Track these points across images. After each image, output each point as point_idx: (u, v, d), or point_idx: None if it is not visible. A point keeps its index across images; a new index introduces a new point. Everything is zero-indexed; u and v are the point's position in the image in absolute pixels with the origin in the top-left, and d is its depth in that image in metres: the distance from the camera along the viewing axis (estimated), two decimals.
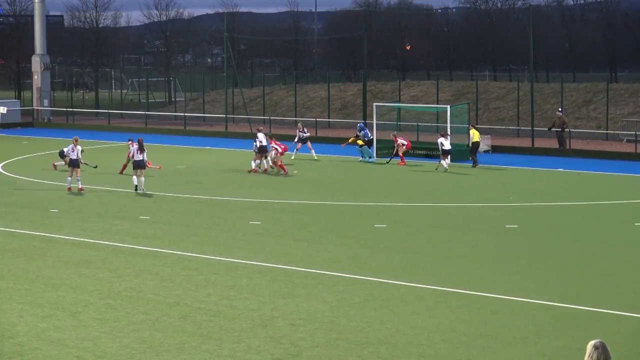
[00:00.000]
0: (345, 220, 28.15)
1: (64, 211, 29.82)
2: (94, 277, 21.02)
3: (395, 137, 42.63)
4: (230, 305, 18.54)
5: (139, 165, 32.93)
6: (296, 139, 43.45)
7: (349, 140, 43.78)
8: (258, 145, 38.18)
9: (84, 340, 16.33)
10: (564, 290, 19.71)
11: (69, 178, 33.24)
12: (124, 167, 37.43)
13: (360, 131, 43.63)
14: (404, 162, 41.84)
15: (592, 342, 10.17)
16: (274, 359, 15.37)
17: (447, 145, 40.13)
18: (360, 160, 43.06)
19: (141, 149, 33.05)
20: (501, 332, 16.78)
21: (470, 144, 41.87)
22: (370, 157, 43.11)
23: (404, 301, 18.81)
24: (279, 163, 38.09)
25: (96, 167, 36.66)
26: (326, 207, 30.71)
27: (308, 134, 43.81)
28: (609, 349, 10.16)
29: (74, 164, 33.13)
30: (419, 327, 17.04)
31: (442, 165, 39.42)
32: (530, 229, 26.72)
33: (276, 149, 38.12)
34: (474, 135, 41.79)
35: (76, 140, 33.93)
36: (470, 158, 41.61)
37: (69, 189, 33.20)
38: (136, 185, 32.98)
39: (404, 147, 42.13)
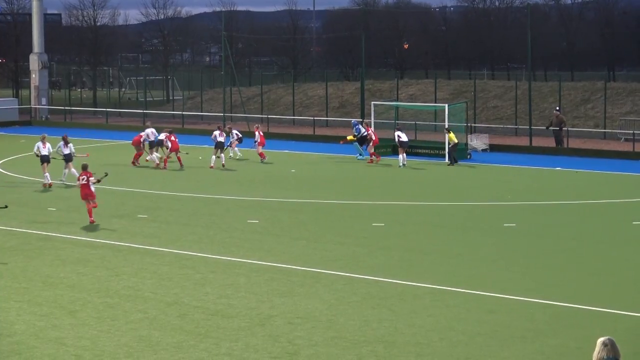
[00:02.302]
0: (343, 219, 28.15)
1: (61, 209, 29.81)
2: (92, 275, 21.02)
3: (368, 127, 42.62)
4: (228, 303, 18.54)
5: (70, 159, 35.08)
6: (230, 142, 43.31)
7: (347, 138, 43.77)
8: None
9: (81, 338, 16.33)
10: (562, 289, 19.72)
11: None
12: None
13: (353, 127, 43.72)
14: (371, 160, 41.82)
15: (601, 339, 10.15)
16: (271, 357, 15.37)
17: (403, 137, 40.76)
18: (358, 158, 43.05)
19: (66, 143, 35.15)
20: (499, 330, 16.79)
21: (450, 145, 41.90)
22: (360, 155, 43.04)
23: (401, 300, 18.81)
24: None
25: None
26: (324, 206, 30.70)
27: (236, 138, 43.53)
28: (618, 346, 10.14)
29: (46, 159, 34.57)
30: (416, 325, 17.04)
31: (400, 161, 40.13)
32: (528, 227, 26.73)
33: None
34: (451, 138, 41.75)
35: (43, 138, 35.52)
36: (450, 157, 41.77)
37: (48, 183, 34.34)
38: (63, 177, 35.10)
39: (372, 142, 42.07)
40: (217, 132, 40.56)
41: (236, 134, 43.27)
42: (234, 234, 25.73)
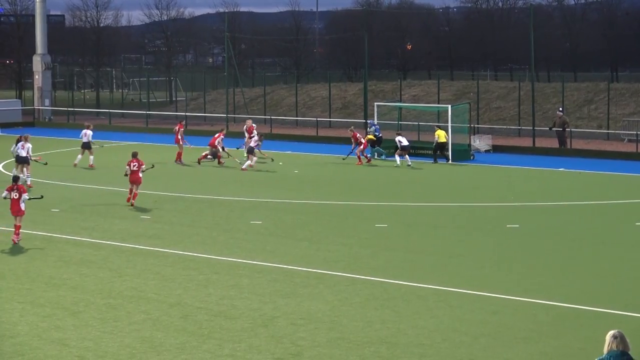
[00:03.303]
0: (346, 220, 28.14)
1: (64, 211, 29.82)
2: (95, 276, 21.03)
3: (355, 133, 42.37)
4: (231, 304, 18.54)
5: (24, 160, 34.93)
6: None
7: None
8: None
9: (84, 339, 16.34)
10: (565, 290, 19.71)
11: (21, 176, 34.48)
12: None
13: (370, 127, 43.54)
14: (360, 161, 41.69)
15: (611, 332, 10.29)
16: (275, 358, 15.37)
17: (404, 142, 40.94)
18: (376, 158, 42.91)
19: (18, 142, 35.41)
20: (502, 331, 16.78)
21: (435, 144, 42.12)
22: (382, 155, 43.04)
23: (405, 301, 18.81)
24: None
25: (46, 164, 37.26)
26: (327, 207, 30.70)
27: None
28: (627, 339, 10.26)
29: (22, 160, 34.64)
30: (419, 326, 17.04)
31: (402, 161, 40.30)
32: (531, 228, 26.71)
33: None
34: (439, 136, 41.96)
35: (26, 138, 35.40)
36: (433, 156, 42.01)
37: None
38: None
39: (361, 146, 41.93)
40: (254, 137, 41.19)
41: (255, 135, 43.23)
42: (237, 235, 25.73)
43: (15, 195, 24.41)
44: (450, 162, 41.86)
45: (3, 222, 27.69)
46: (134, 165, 30.18)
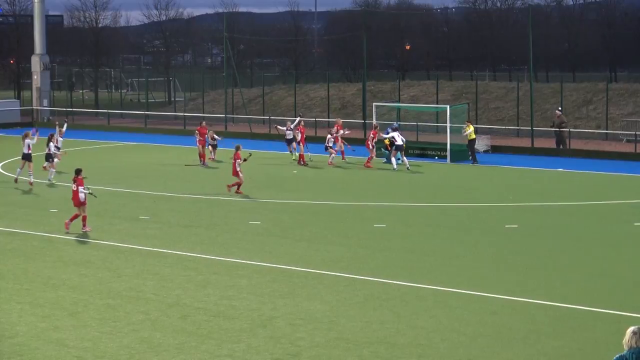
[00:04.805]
0: (345, 220, 28.14)
1: (63, 211, 29.76)
2: (94, 277, 21.02)
3: (374, 132, 42.05)
4: (229, 305, 18.54)
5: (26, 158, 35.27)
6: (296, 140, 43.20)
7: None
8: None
9: (83, 340, 16.34)
10: (564, 290, 19.71)
11: (19, 170, 35.49)
12: None
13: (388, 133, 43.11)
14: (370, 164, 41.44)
15: (631, 328, 10.34)
16: (273, 358, 15.37)
17: (399, 141, 40.45)
18: (385, 162, 42.72)
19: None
20: (501, 332, 16.78)
21: (468, 141, 42.04)
22: (386, 160, 42.89)
23: (403, 301, 18.81)
24: None
25: (46, 166, 37.51)
26: (326, 207, 30.70)
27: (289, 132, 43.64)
28: None
29: (24, 157, 35.15)
30: (418, 327, 17.04)
31: (405, 163, 39.82)
32: (530, 229, 26.71)
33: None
34: (472, 130, 41.90)
35: (26, 135, 35.95)
36: (470, 157, 41.89)
37: (30, 182, 34.95)
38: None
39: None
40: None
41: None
42: (236, 236, 25.73)
43: (74, 187, 25.96)
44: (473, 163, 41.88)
45: (2, 222, 27.72)
46: (237, 162, 32.78)
